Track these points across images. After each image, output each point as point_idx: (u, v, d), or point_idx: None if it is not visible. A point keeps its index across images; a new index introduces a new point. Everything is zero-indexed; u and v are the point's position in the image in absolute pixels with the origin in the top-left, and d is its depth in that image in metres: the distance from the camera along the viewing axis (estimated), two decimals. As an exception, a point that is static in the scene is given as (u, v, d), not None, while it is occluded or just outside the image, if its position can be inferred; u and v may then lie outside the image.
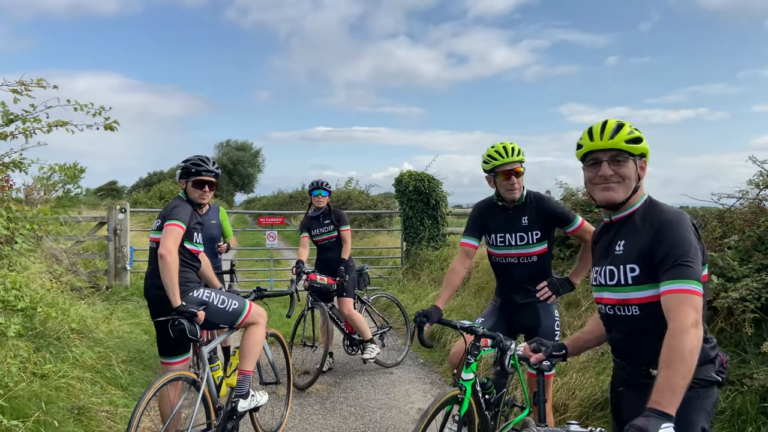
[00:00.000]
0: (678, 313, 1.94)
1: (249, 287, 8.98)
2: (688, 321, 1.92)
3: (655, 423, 1.79)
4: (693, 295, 1.97)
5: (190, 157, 4.04)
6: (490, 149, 3.56)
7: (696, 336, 1.90)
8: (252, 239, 19.03)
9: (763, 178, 4.82)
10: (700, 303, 1.98)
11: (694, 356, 1.88)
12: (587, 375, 4.73)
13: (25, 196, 7.41)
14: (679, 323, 1.92)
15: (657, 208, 2.19)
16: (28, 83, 4.52)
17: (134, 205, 19.18)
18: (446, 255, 10.53)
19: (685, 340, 1.88)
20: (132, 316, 7.34)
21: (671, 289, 2.00)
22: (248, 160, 56.87)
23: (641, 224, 2.18)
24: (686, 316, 1.93)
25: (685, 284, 1.98)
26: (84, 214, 11.29)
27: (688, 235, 2.05)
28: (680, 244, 2.03)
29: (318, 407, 5.30)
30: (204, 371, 3.74)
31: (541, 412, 3.02)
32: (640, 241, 2.15)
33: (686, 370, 1.86)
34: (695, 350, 1.89)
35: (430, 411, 2.99)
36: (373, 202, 21.60)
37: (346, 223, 6.26)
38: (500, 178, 3.54)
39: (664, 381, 1.87)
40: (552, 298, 3.60)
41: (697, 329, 1.91)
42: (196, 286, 3.89)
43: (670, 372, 1.87)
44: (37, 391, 4.13)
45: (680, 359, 1.87)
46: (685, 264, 2.00)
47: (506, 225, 3.64)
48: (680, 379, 1.85)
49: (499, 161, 3.49)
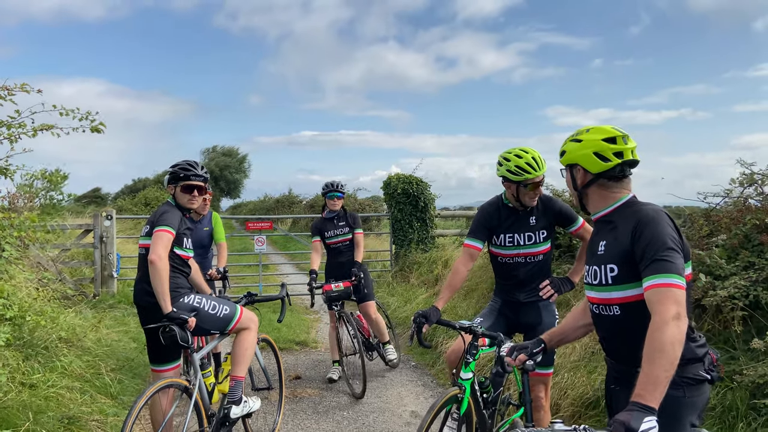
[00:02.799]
0: (659, 306, 1.95)
1: (238, 293, 8.94)
2: (668, 314, 1.92)
3: (638, 417, 1.80)
4: (674, 288, 1.98)
5: (179, 162, 4.01)
6: (517, 160, 3.52)
7: (677, 328, 1.90)
8: (240, 244, 18.92)
9: (746, 176, 4.88)
10: (681, 296, 1.98)
11: (676, 349, 1.88)
12: (579, 374, 4.75)
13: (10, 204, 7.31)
14: (661, 317, 1.93)
15: (634, 208, 2.24)
16: (11, 88, 4.47)
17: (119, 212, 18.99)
18: (435, 257, 10.54)
19: (666, 333, 1.89)
20: (120, 324, 7.26)
21: (652, 284, 2.01)
22: (235, 166, 56.52)
23: (620, 224, 2.22)
24: (667, 309, 1.93)
25: (665, 278, 1.99)
26: (69, 222, 11.17)
27: (666, 231, 2.08)
28: (657, 240, 2.05)
29: (311, 412, 5.28)
30: (196, 378, 3.70)
31: (528, 412, 3.11)
32: (618, 240, 2.19)
33: (668, 363, 1.86)
34: (677, 343, 1.89)
35: (432, 411, 3.02)
36: (360, 205, 21.61)
37: (360, 226, 6.21)
38: (529, 189, 3.57)
39: (647, 374, 1.88)
40: (554, 296, 3.67)
41: (678, 322, 1.91)
42: (186, 292, 3.86)
43: (652, 366, 1.88)
44: (26, 401, 4.08)
45: (661, 352, 1.88)
46: (663, 259, 2.02)
47: (515, 226, 3.69)
48: (662, 372, 1.86)
49: (531, 174, 3.51)
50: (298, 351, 7.48)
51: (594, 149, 2.28)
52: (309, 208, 24.76)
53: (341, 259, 6.16)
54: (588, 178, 2.33)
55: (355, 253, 6.08)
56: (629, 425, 1.78)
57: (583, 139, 2.32)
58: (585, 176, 2.34)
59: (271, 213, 28.05)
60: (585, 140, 2.31)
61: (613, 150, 2.25)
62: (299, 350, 7.52)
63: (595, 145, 2.28)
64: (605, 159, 2.26)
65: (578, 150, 2.33)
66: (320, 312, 9.91)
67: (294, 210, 26.97)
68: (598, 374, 4.60)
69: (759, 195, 4.87)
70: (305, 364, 6.85)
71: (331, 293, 5.87)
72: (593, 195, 2.35)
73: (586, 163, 2.30)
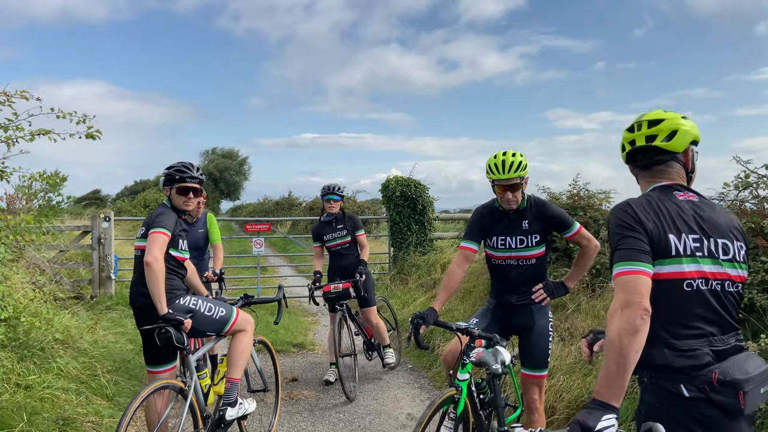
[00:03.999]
0: (613, 299, 1.88)
1: (236, 294, 8.93)
2: (615, 304, 1.84)
3: (596, 416, 1.75)
4: (622, 276, 1.89)
5: (174, 164, 4.01)
6: (491, 159, 3.63)
7: (624, 317, 1.79)
8: (239, 246, 18.93)
9: (741, 180, 4.89)
10: (630, 283, 1.86)
11: (623, 339, 1.77)
12: (574, 377, 4.76)
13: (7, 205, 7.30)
14: (610, 308, 1.86)
15: None
16: (11, 94, 4.48)
17: (118, 214, 19.01)
18: (433, 260, 10.55)
19: (612, 324, 1.81)
20: (117, 326, 7.26)
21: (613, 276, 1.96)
22: (234, 168, 56.56)
23: None
24: (615, 300, 1.86)
25: (615, 269, 1.93)
26: (67, 223, 11.16)
27: (617, 222, 2.03)
28: (612, 234, 2.03)
29: (307, 414, 5.28)
30: (191, 379, 3.70)
31: (500, 416, 3.25)
32: None
33: (616, 355, 1.77)
34: (624, 333, 1.78)
35: (429, 411, 3.04)
36: (360, 207, 21.62)
37: (362, 227, 6.20)
38: (497, 190, 3.66)
39: (603, 369, 1.82)
40: (547, 300, 3.68)
41: (626, 310, 1.80)
42: (182, 294, 3.86)
43: (605, 360, 1.81)
44: (21, 402, 4.08)
45: (609, 344, 1.80)
46: (616, 249, 1.98)
47: (507, 229, 3.72)
48: (612, 365, 1.78)
49: (494, 176, 3.60)
50: (295, 353, 7.48)
51: (622, 140, 2.27)
52: (308, 211, 24.78)
53: (342, 262, 6.15)
54: (630, 167, 2.30)
55: (361, 253, 6.09)
56: (586, 424, 1.74)
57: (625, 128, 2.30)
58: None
59: (270, 215, 28.05)
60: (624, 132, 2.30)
61: (628, 139, 2.22)
62: (296, 352, 7.52)
63: (623, 136, 2.26)
64: (622, 148, 2.26)
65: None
66: (318, 314, 9.91)
67: (293, 212, 26.98)
68: (594, 377, 4.60)
69: (754, 198, 4.88)
70: (302, 367, 6.85)
71: (329, 294, 5.89)
72: (640, 183, 2.27)
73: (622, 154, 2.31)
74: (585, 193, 7.70)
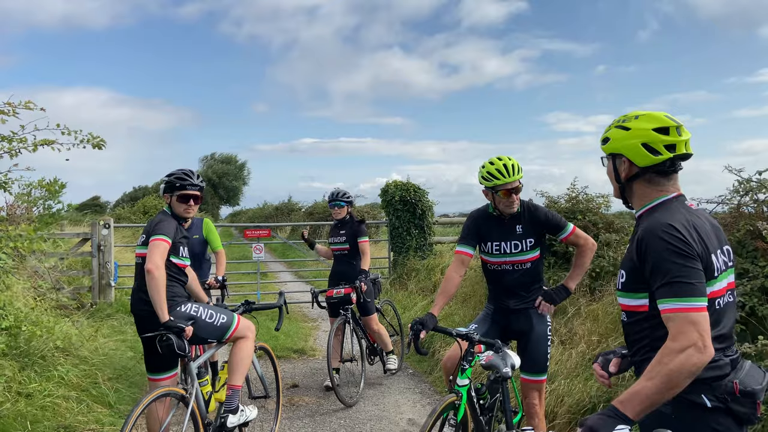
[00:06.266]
0: (678, 333, 1.78)
1: (236, 301, 8.93)
2: (687, 342, 1.75)
3: (610, 424, 1.73)
4: (692, 313, 1.79)
5: (174, 171, 4.03)
6: (489, 166, 3.63)
7: (692, 359, 1.74)
8: (238, 252, 18.93)
9: (743, 184, 4.90)
10: (701, 320, 1.78)
11: (681, 379, 1.74)
12: (575, 381, 4.76)
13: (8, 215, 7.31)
14: (678, 342, 1.76)
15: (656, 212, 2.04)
16: (15, 104, 4.50)
17: (118, 221, 19.01)
18: (433, 264, 10.56)
19: (676, 360, 1.75)
20: (117, 333, 7.27)
21: (667, 309, 1.85)
22: (233, 173, 56.55)
23: (638, 229, 2.05)
24: (686, 337, 1.76)
25: (680, 303, 1.83)
26: (67, 231, 11.16)
27: (669, 247, 1.90)
28: (662, 260, 1.89)
29: (308, 420, 5.28)
30: (193, 387, 3.71)
31: (509, 421, 3.27)
32: (630, 248, 2.05)
33: (664, 388, 1.74)
34: (685, 373, 1.74)
35: (431, 420, 3.05)
36: (359, 212, 21.61)
37: (365, 235, 6.16)
38: (500, 195, 3.64)
39: (640, 386, 1.78)
40: (551, 309, 3.72)
41: (698, 353, 1.74)
42: (183, 301, 3.87)
43: (648, 382, 1.77)
44: (22, 410, 4.09)
45: (662, 375, 1.76)
46: (678, 281, 1.85)
47: (502, 234, 3.73)
48: (654, 393, 1.75)
49: (501, 180, 3.59)
50: (296, 359, 7.48)
51: (643, 139, 2.02)
52: (308, 216, 24.75)
53: (340, 267, 6.21)
54: (633, 170, 2.08)
55: (361, 260, 6.09)
56: (597, 431, 1.73)
57: (632, 127, 2.06)
58: (630, 168, 2.08)
59: (270, 220, 28.02)
60: (633, 128, 2.05)
61: (665, 142, 2.00)
62: (297, 358, 7.52)
63: (645, 135, 2.02)
64: (655, 152, 2.01)
65: (625, 139, 2.06)
66: (318, 320, 9.91)
67: (293, 218, 26.96)
68: (595, 381, 4.60)
69: (753, 202, 4.89)
70: (303, 372, 6.85)
71: (331, 299, 5.93)
72: (638, 190, 2.10)
73: (633, 155, 2.05)
74: (584, 197, 7.72)
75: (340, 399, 5.55)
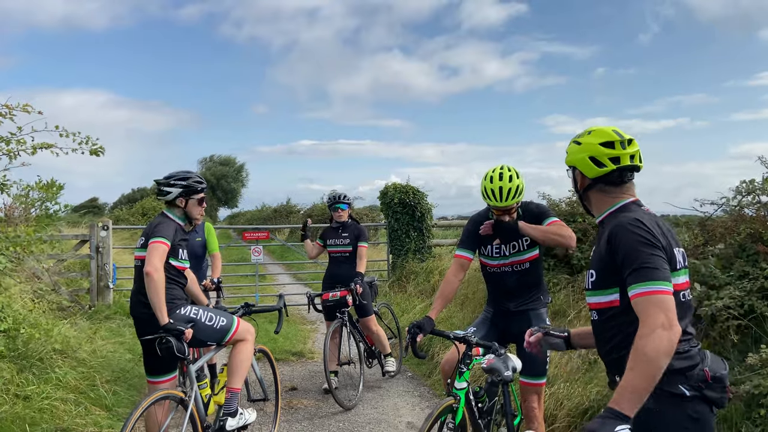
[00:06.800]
0: (646, 316, 1.89)
1: (234, 303, 8.91)
2: (656, 322, 1.86)
3: (610, 425, 1.77)
4: (660, 295, 1.91)
5: (190, 174, 3.98)
6: (487, 183, 3.60)
7: (665, 338, 1.83)
8: (237, 254, 18.88)
9: (746, 185, 4.91)
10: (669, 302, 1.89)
11: (661, 359, 1.82)
12: (575, 385, 4.75)
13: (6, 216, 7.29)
14: (648, 326, 1.87)
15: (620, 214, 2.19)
16: (13, 106, 4.49)
17: (116, 222, 18.96)
18: (432, 267, 10.56)
19: (651, 342, 1.83)
20: (116, 335, 7.24)
21: (637, 293, 1.95)
22: (232, 175, 56.51)
23: (605, 230, 2.18)
24: (654, 318, 1.87)
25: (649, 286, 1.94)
26: (65, 232, 11.14)
27: (639, 238, 2.04)
28: (633, 248, 2.01)
29: (306, 423, 5.26)
30: (192, 389, 3.70)
31: (509, 426, 3.26)
32: (600, 246, 2.16)
33: (649, 373, 1.81)
34: (662, 353, 1.82)
35: (428, 423, 3.03)
36: (358, 215, 21.61)
37: (365, 240, 6.17)
38: (493, 211, 3.70)
39: (627, 381, 1.83)
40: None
41: (667, 331, 1.84)
42: (182, 303, 3.86)
43: (633, 373, 1.83)
44: (20, 413, 4.07)
45: (643, 361, 1.82)
46: (646, 266, 1.97)
47: (501, 236, 3.74)
48: (641, 381, 1.81)
49: (492, 203, 3.62)
50: (295, 362, 7.46)
51: (590, 153, 2.21)
52: (306, 218, 24.74)
53: (339, 270, 6.16)
54: (586, 182, 2.27)
55: (357, 264, 6.06)
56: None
57: (583, 141, 2.26)
58: (583, 180, 2.28)
59: (268, 223, 27.99)
60: (584, 143, 2.25)
61: (609, 155, 2.18)
62: (296, 361, 7.50)
63: (592, 149, 2.21)
64: (600, 164, 2.19)
65: (576, 153, 2.27)
66: (317, 322, 9.89)
67: (292, 220, 26.94)
68: (595, 385, 4.60)
69: (755, 204, 4.89)
70: (301, 375, 6.83)
71: (327, 302, 5.90)
72: (593, 198, 2.29)
73: (582, 167, 2.25)
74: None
75: (338, 402, 5.53)
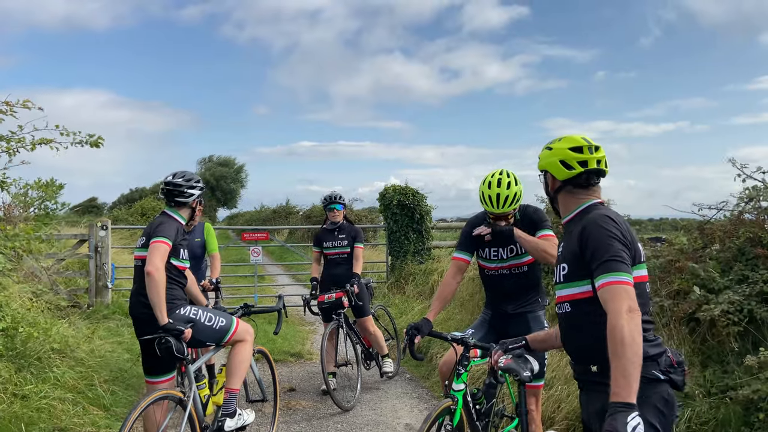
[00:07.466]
0: (612, 303, 2.04)
1: (233, 304, 8.91)
2: (622, 308, 2.01)
3: (621, 418, 1.84)
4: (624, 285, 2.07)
5: (193, 174, 4.04)
6: (485, 189, 3.60)
7: (632, 321, 1.98)
8: (236, 255, 18.87)
9: (748, 191, 4.91)
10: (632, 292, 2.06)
11: (636, 339, 1.95)
12: (573, 387, 4.74)
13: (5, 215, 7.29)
14: (615, 312, 2.01)
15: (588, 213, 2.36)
16: (13, 103, 4.49)
17: (115, 222, 18.94)
18: (431, 269, 10.55)
19: (624, 326, 1.97)
20: (114, 335, 7.23)
21: (603, 283, 2.11)
22: (231, 176, 56.47)
23: (574, 228, 2.34)
24: (620, 305, 2.03)
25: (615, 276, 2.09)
26: (64, 232, 11.12)
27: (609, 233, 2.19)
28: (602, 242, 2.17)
29: (304, 425, 5.26)
30: (190, 390, 3.69)
31: (524, 424, 3.19)
32: (571, 241, 2.32)
33: (633, 354, 1.92)
34: (636, 333, 1.96)
35: (426, 425, 3.02)
36: (357, 216, 21.59)
37: (362, 241, 6.19)
38: (490, 216, 3.68)
39: (617, 369, 1.93)
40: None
41: (632, 314, 2.00)
42: (182, 303, 3.86)
43: (620, 360, 1.94)
44: (17, 412, 4.06)
45: (624, 345, 1.94)
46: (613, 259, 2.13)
47: (499, 240, 3.72)
48: (629, 364, 1.91)
49: (488, 209, 3.62)
50: (293, 363, 7.46)
51: (560, 157, 2.40)
52: (305, 219, 24.72)
53: (337, 271, 6.14)
54: (557, 184, 2.45)
55: (354, 265, 6.06)
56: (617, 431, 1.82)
57: (554, 147, 2.45)
58: (554, 182, 2.47)
59: (267, 223, 27.96)
60: (555, 148, 2.44)
61: (578, 159, 2.37)
62: (294, 362, 7.50)
63: (562, 153, 2.40)
64: (569, 167, 2.38)
65: (548, 157, 2.46)
66: (315, 323, 9.88)
67: (291, 221, 26.93)
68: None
69: (755, 209, 4.89)
70: (300, 376, 6.83)
71: (323, 304, 5.89)
72: (562, 200, 2.47)
73: (553, 170, 2.44)
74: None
75: (336, 403, 5.53)
